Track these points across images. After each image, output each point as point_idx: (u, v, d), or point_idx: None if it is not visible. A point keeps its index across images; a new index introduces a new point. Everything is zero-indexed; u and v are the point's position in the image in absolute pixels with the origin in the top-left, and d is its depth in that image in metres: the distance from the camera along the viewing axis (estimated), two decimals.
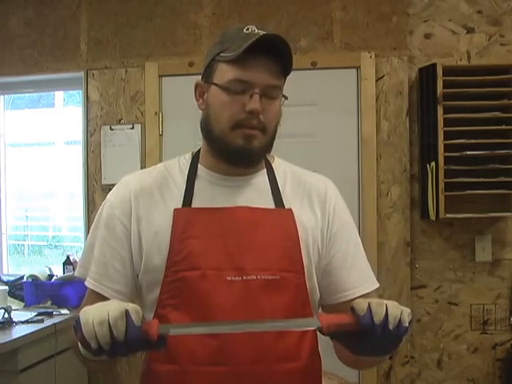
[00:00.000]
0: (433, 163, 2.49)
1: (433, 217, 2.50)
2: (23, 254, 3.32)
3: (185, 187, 1.19)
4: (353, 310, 0.98)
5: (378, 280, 1.27)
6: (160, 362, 1.12)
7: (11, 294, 2.78)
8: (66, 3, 2.88)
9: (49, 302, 2.66)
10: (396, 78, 2.66)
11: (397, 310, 0.98)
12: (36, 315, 2.48)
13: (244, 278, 1.11)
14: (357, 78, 2.70)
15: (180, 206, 1.17)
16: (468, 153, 2.49)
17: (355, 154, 2.70)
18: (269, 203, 1.20)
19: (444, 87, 2.46)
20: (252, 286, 1.11)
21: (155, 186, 1.21)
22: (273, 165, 1.28)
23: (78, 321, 0.92)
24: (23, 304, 2.73)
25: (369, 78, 2.66)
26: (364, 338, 0.96)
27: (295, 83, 2.70)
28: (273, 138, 1.20)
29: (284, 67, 1.15)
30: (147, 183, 1.21)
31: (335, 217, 1.25)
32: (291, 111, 2.73)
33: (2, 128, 3.21)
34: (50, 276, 2.83)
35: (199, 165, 1.23)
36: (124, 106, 2.82)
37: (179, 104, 2.74)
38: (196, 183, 1.20)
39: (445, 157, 2.47)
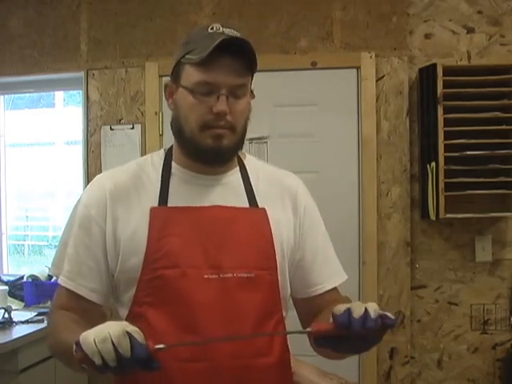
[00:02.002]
0: (433, 163, 2.49)
1: (433, 217, 2.50)
2: (23, 253, 3.32)
3: (160, 185, 1.20)
4: (333, 314, 1.00)
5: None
6: None
7: (11, 294, 2.78)
8: (66, 3, 2.88)
9: (49, 302, 2.65)
10: (396, 78, 2.66)
11: (377, 307, 1.00)
12: (36, 315, 2.48)
13: (221, 275, 1.14)
14: (357, 78, 2.70)
15: (156, 204, 1.18)
16: (468, 153, 2.49)
17: (355, 154, 2.70)
18: (243, 202, 1.23)
19: (444, 87, 2.46)
20: (228, 283, 1.14)
21: (130, 185, 1.21)
22: (245, 162, 1.30)
23: (77, 342, 0.92)
24: (23, 304, 2.73)
25: (369, 78, 2.66)
26: (347, 339, 0.98)
27: (295, 83, 2.74)
28: (243, 135, 1.22)
29: (249, 64, 1.16)
30: (122, 182, 1.22)
31: (306, 214, 1.30)
32: (291, 111, 2.77)
33: (2, 128, 3.21)
34: (50, 276, 2.82)
35: (173, 162, 1.24)
36: (124, 106, 2.82)
37: None
38: (171, 181, 1.21)
39: (445, 157, 2.47)
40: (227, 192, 1.23)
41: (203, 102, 1.14)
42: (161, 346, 0.93)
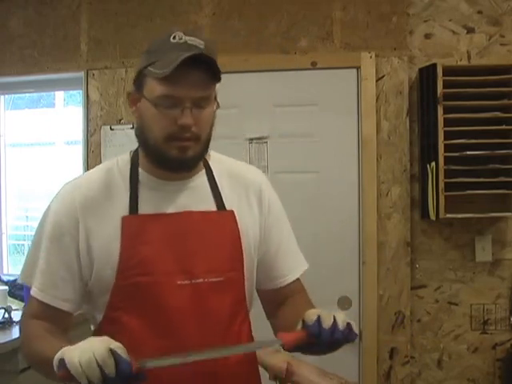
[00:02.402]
0: (433, 163, 2.49)
1: (433, 217, 2.50)
2: (23, 253, 3.32)
3: (129, 194, 1.21)
4: (304, 322, 1.08)
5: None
6: None
7: (11, 294, 2.77)
8: (66, 3, 2.88)
9: None
10: (396, 78, 2.66)
11: (344, 317, 1.09)
12: None
13: (192, 281, 1.18)
14: (357, 78, 2.70)
15: (127, 212, 1.19)
16: (468, 153, 2.49)
17: (355, 154, 2.70)
18: (211, 204, 1.26)
19: (444, 87, 2.46)
20: (200, 288, 1.18)
21: (99, 194, 1.21)
22: (210, 163, 1.32)
23: (61, 360, 0.94)
24: (23, 304, 2.73)
25: (369, 78, 2.66)
26: (317, 345, 1.07)
27: (295, 83, 2.74)
28: (208, 142, 1.24)
29: (213, 75, 1.16)
30: (91, 192, 1.22)
31: (270, 209, 1.35)
32: (291, 111, 2.77)
33: (2, 128, 3.20)
34: None
35: (140, 169, 1.25)
36: (124, 105, 2.81)
37: None
38: (139, 189, 1.22)
39: (445, 157, 2.46)
40: (195, 196, 1.25)
41: (167, 115, 1.14)
42: (146, 361, 0.96)
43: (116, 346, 0.94)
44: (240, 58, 2.73)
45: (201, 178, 1.28)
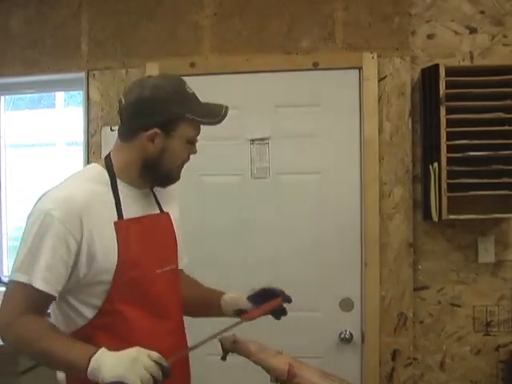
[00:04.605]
0: (435, 164, 2.48)
1: (435, 218, 2.49)
2: None
3: (114, 202, 1.45)
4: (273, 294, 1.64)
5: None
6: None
7: None
8: (66, 3, 2.87)
9: None
10: (398, 79, 2.65)
11: None
12: None
13: (163, 269, 1.53)
14: (359, 78, 2.68)
15: (115, 217, 1.44)
16: (471, 153, 2.47)
17: (357, 154, 2.69)
18: (156, 208, 1.60)
19: (447, 88, 2.44)
20: (168, 274, 1.55)
21: (92, 201, 1.41)
22: None
23: (117, 383, 1.20)
24: None
25: (371, 78, 2.64)
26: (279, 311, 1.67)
27: (297, 84, 2.73)
28: None
29: None
30: (87, 199, 1.40)
31: (178, 205, 1.72)
32: (293, 112, 2.76)
33: (2, 129, 3.19)
34: None
35: (118, 180, 1.49)
36: None
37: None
38: (120, 197, 1.47)
39: (448, 158, 2.45)
40: (150, 201, 1.59)
41: (188, 149, 1.51)
42: (169, 360, 1.27)
43: (154, 355, 1.23)
44: (241, 59, 2.72)
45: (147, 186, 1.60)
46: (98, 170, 1.50)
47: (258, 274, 2.63)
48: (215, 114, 1.48)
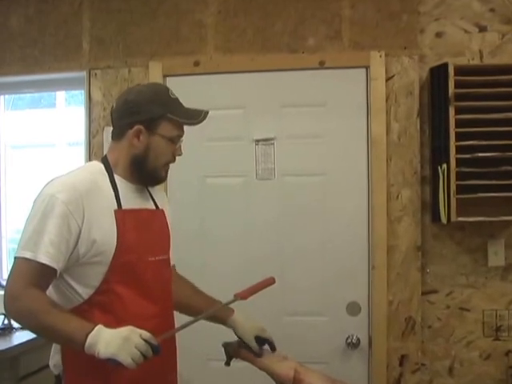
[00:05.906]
0: (444, 165, 2.43)
1: (444, 220, 2.44)
2: None
3: (113, 193, 1.59)
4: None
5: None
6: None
7: None
8: (67, 1, 2.83)
9: None
10: (406, 78, 2.60)
11: None
12: None
13: (156, 258, 1.65)
14: (366, 77, 2.64)
15: (115, 206, 1.57)
16: (480, 155, 2.43)
17: (364, 155, 2.64)
18: (151, 204, 1.74)
19: (456, 87, 2.40)
20: (159, 263, 1.67)
21: (93, 190, 1.55)
22: None
23: (111, 359, 1.32)
24: None
25: (378, 77, 2.60)
26: None
27: (303, 83, 2.69)
28: None
29: None
30: (89, 187, 1.54)
31: (168, 201, 1.91)
32: (299, 112, 2.71)
33: (2, 129, 3.15)
34: None
35: (115, 175, 1.63)
36: None
37: (184, 104, 2.68)
38: (119, 190, 1.61)
39: (456, 159, 2.40)
40: (145, 197, 1.72)
41: (171, 148, 1.65)
42: (158, 338, 1.39)
43: (146, 334, 1.35)
44: (246, 58, 2.68)
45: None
46: (98, 165, 1.66)
47: (263, 277, 2.57)
48: (195, 116, 1.64)
